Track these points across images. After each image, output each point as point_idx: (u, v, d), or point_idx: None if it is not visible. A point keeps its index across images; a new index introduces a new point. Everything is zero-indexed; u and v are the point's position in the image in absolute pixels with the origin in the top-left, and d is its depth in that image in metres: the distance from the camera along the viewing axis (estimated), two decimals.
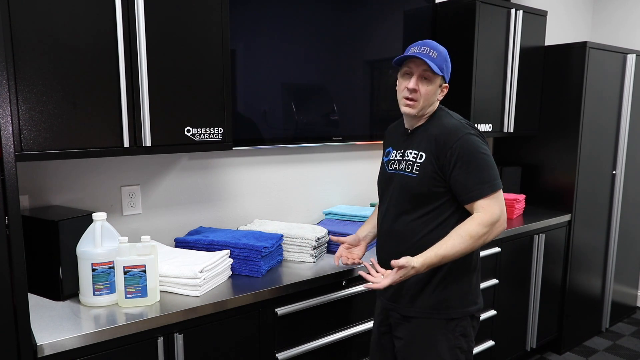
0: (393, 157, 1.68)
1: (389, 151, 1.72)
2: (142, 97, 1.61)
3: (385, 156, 1.74)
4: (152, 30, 1.61)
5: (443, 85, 1.59)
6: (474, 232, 1.45)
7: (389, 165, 1.69)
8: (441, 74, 1.53)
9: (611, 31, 3.96)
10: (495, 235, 1.50)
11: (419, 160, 1.56)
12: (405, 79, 1.55)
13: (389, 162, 1.70)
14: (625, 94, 3.22)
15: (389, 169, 1.68)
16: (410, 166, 1.58)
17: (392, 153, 1.70)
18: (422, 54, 1.50)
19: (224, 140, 1.82)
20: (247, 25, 2.14)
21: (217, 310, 1.60)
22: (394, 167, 1.66)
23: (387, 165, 1.70)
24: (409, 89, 1.52)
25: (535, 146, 3.20)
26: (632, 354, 3.18)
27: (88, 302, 1.55)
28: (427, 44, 1.53)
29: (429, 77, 1.52)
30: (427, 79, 1.52)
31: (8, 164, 1.19)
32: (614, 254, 3.39)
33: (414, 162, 1.57)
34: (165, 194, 2.08)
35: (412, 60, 1.52)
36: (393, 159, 1.68)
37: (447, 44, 2.78)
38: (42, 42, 1.42)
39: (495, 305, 2.64)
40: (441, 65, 1.52)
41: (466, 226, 1.47)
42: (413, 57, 1.51)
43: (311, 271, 1.88)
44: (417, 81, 1.52)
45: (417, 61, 1.51)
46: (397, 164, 1.65)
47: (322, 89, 2.44)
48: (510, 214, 2.89)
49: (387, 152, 1.73)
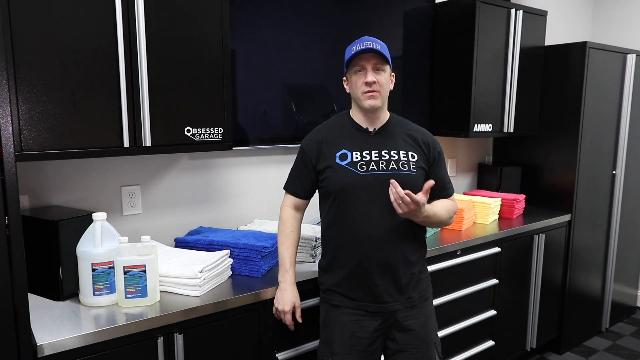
0: (358, 159, 1.61)
1: (344, 153, 1.62)
2: (142, 97, 1.61)
3: (341, 160, 1.62)
4: (152, 30, 1.61)
5: (391, 74, 1.67)
6: (451, 211, 1.72)
7: (357, 167, 1.60)
8: (390, 62, 1.61)
9: (611, 31, 3.96)
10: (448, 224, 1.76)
11: (411, 160, 1.64)
12: (359, 76, 1.60)
13: (355, 163, 1.60)
14: (625, 94, 3.22)
15: (360, 171, 1.59)
16: (405, 165, 1.62)
17: (352, 155, 1.62)
18: (369, 47, 1.55)
19: (224, 140, 1.82)
20: (247, 25, 2.14)
21: (217, 310, 1.60)
22: (372, 167, 1.60)
23: (354, 168, 1.60)
24: (368, 82, 1.58)
25: (535, 146, 3.20)
26: (632, 354, 3.18)
27: (88, 302, 1.55)
28: (367, 39, 1.59)
29: (380, 68, 1.59)
30: (380, 70, 1.60)
31: (8, 164, 1.19)
32: (614, 254, 3.39)
33: (407, 161, 1.63)
34: (165, 194, 2.08)
35: (360, 57, 1.58)
36: (359, 160, 1.61)
37: (447, 43, 2.80)
38: (42, 42, 1.42)
39: (495, 305, 2.64)
40: (387, 54, 1.60)
41: (448, 204, 1.71)
42: (361, 53, 1.57)
43: (311, 271, 1.88)
44: (372, 73, 1.58)
45: (366, 56, 1.58)
46: (375, 164, 1.60)
47: (322, 89, 2.44)
48: (510, 214, 2.90)
49: (342, 155, 1.62)
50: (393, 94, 1.71)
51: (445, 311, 2.35)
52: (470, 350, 2.53)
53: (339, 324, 1.66)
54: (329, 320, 1.69)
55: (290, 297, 1.68)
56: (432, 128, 2.88)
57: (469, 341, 2.53)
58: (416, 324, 1.67)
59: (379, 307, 1.64)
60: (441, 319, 2.33)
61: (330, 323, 1.68)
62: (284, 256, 1.72)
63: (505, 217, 2.91)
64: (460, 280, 2.42)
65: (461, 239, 2.41)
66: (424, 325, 1.69)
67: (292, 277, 1.70)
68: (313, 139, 1.70)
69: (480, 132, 2.75)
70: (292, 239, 1.73)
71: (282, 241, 1.74)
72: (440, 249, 2.27)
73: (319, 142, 1.67)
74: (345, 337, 1.64)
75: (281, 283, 1.70)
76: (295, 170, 1.75)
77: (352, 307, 1.65)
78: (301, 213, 1.78)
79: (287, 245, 1.73)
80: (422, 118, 2.87)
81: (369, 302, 1.64)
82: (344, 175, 1.61)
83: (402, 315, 1.66)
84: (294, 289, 1.70)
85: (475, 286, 2.49)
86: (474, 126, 2.71)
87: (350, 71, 1.62)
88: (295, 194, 1.73)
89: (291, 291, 1.69)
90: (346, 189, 1.61)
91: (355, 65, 1.60)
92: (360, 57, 1.58)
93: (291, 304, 1.68)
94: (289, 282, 1.70)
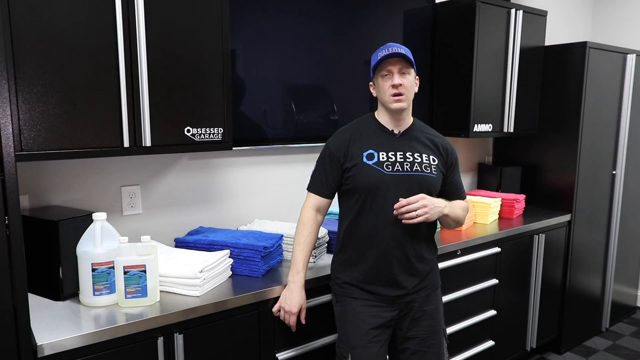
0: (384, 159, 1.67)
1: (371, 153, 1.68)
2: (142, 97, 1.61)
3: (368, 159, 1.68)
4: (152, 30, 1.61)
5: (416, 77, 1.73)
6: (466, 209, 1.85)
7: (383, 167, 1.67)
8: (414, 65, 1.68)
9: (611, 31, 3.96)
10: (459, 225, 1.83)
11: (433, 163, 1.72)
12: (386, 80, 1.67)
13: (381, 163, 1.67)
14: (625, 94, 3.22)
15: (386, 171, 1.66)
16: (427, 167, 1.70)
17: (379, 155, 1.68)
18: (395, 52, 1.63)
19: (224, 140, 1.82)
20: (247, 25, 2.14)
21: (217, 310, 1.60)
22: (397, 168, 1.67)
23: (381, 167, 1.66)
24: (395, 85, 1.65)
25: (535, 146, 3.20)
26: (632, 354, 3.18)
27: (88, 302, 1.55)
28: (392, 45, 1.65)
29: (406, 71, 1.67)
30: (406, 74, 1.67)
31: (8, 164, 1.19)
32: (614, 254, 3.39)
33: (429, 164, 1.71)
34: (165, 194, 2.08)
35: (387, 62, 1.65)
36: (386, 160, 1.67)
37: (447, 43, 2.79)
38: (42, 42, 1.42)
39: (495, 305, 2.64)
40: (412, 58, 1.67)
41: (463, 203, 1.84)
42: (387, 58, 1.64)
43: (311, 271, 1.88)
44: (399, 76, 1.65)
45: (392, 61, 1.65)
46: (400, 165, 1.67)
47: (322, 89, 2.44)
48: (510, 214, 2.90)
49: (369, 155, 1.68)
50: None
51: (446, 311, 2.33)
52: (470, 350, 2.53)
53: (358, 318, 1.70)
54: (346, 314, 1.73)
55: (299, 299, 1.70)
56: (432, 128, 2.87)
57: (469, 341, 2.53)
58: (429, 310, 1.77)
59: (396, 298, 1.71)
60: None
61: (348, 317, 1.72)
62: (297, 258, 1.73)
63: (505, 217, 2.91)
64: (460, 280, 2.42)
65: (461, 239, 2.41)
66: (434, 311, 1.78)
67: (302, 279, 1.72)
68: (340, 138, 1.75)
69: (480, 132, 2.75)
70: (309, 241, 1.75)
71: (298, 241, 1.75)
72: (441, 249, 2.27)
73: (346, 142, 1.73)
74: (364, 330, 1.69)
75: (290, 283, 1.72)
76: (319, 170, 1.77)
77: (371, 300, 1.71)
78: (322, 216, 1.79)
79: (303, 247, 1.74)
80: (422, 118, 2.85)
81: (389, 295, 1.70)
82: (371, 174, 1.67)
83: (417, 305, 1.74)
84: (303, 292, 1.72)
85: (475, 286, 2.49)
86: (474, 126, 2.71)
87: (377, 75, 1.69)
88: (320, 193, 1.76)
89: (299, 293, 1.71)
90: (372, 187, 1.67)
91: (382, 69, 1.67)
92: (387, 62, 1.65)
93: (299, 306, 1.70)
94: (299, 284, 1.71)
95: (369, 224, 1.69)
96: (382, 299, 1.71)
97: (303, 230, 1.75)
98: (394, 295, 1.70)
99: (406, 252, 1.69)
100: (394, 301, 1.71)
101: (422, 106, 2.87)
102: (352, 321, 1.71)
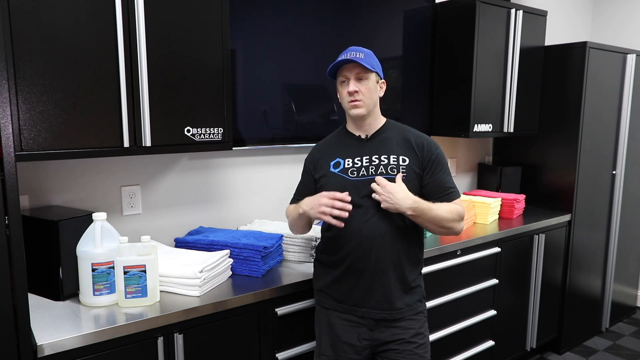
0: (350, 165, 1.65)
1: (338, 162, 1.67)
2: (142, 97, 1.61)
3: (334, 168, 1.67)
4: (152, 30, 1.61)
5: (380, 81, 1.69)
6: (455, 212, 1.64)
7: (348, 173, 1.64)
8: (374, 70, 1.62)
9: (611, 31, 3.96)
10: (457, 231, 1.67)
11: (402, 163, 1.65)
12: (344, 87, 1.65)
13: (346, 170, 1.65)
14: (625, 94, 3.22)
15: (350, 177, 1.63)
16: (394, 169, 1.63)
17: (345, 162, 1.66)
18: (349, 58, 1.60)
19: (224, 140, 1.82)
20: (247, 25, 2.14)
21: (217, 310, 1.60)
22: (363, 173, 1.63)
23: (345, 174, 1.64)
24: (350, 92, 1.62)
25: (535, 146, 3.20)
26: (632, 354, 3.18)
27: (88, 302, 1.55)
28: (352, 49, 1.64)
29: (363, 77, 1.62)
30: (363, 79, 1.63)
31: (8, 164, 1.19)
32: (614, 254, 3.39)
33: (397, 165, 1.64)
34: (165, 194, 2.08)
35: (344, 68, 1.63)
36: (351, 167, 1.65)
37: (447, 43, 2.80)
38: (42, 42, 1.42)
39: (495, 305, 2.64)
40: (371, 62, 1.62)
41: (451, 205, 1.65)
42: (344, 64, 1.62)
43: (311, 271, 1.88)
44: (355, 83, 1.62)
45: (349, 67, 1.62)
46: (365, 170, 1.64)
47: (322, 89, 2.44)
48: (510, 214, 2.90)
49: (336, 164, 1.67)
50: (393, 95, 1.72)
51: (445, 311, 2.35)
52: (470, 350, 2.53)
53: (327, 326, 1.70)
54: (320, 320, 1.73)
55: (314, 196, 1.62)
56: (432, 128, 2.88)
57: (469, 341, 2.53)
58: (403, 334, 1.65)
59: (365, 312, 1.64)
60: (441, 319, 2.34)
61: (321, 324, 1.72)
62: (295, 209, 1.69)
63: (505, 217, 2.91)
64: (460, 280, 2.42)
65: (461, 239, 2.41)
66: (413, 336, 1.66)
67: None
68: (313, 151, 1.79)
69: (480, 132, 2.75)
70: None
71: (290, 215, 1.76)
72: (440, 249, 2.27)
73: (317, 153, 1.76)
74: (331, 340, 1.68)
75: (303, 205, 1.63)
76: (300, 183, 1.82)
77: (339, 311, 1.68)
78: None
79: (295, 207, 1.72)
80: (422, 118, 2.88)
81: (355, 307, 1.65)
82: (336, 182, 1.65)
83: (387, 326, 1.64)
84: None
85: (475, 286, 2.49)
86: (474, 126, 2.71)
87: (337, 81, 1.69)
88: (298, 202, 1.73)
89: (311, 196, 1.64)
90: None
91: (340, 75, 1.66)
92: (344, 68, 1.64)
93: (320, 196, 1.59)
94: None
95: (336, 231, 1.64)
96: (349, 310, 1.66)
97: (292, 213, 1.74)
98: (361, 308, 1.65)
99: (374, 260, 1.61)
100: (361, 315, 1.65)
101: (422, 106, 2.87)
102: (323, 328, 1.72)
